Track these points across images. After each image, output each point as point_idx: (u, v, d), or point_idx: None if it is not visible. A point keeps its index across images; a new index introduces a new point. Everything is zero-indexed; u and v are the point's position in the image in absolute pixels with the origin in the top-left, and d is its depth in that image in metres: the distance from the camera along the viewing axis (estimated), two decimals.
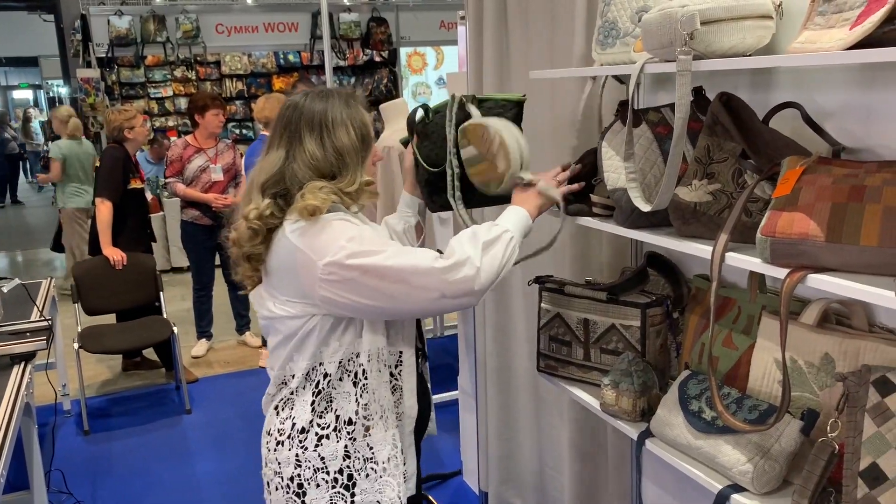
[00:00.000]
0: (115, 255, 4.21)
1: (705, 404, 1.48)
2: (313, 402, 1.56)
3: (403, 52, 9.11)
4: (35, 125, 15.21)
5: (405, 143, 1.83)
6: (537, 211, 1.62)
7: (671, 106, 1.62)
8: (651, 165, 1.53)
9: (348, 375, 1.55)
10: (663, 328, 1.75)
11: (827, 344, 1.36)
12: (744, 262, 1.29)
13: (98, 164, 4.63)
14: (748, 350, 1.53)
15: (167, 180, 4.85)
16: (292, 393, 1.58)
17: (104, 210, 4.24)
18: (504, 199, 1.67)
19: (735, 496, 1.36)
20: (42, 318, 3.06)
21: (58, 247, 6.41)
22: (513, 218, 1.57)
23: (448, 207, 1.74)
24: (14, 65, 18.55)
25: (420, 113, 1.76)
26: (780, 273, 1.21)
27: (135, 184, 4.43)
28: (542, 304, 1.89)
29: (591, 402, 1.76)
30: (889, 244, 1.10)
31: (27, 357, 2.71)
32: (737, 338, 1.57)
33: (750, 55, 1.33)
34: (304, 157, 1.51)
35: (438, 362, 4.50)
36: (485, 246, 1.47)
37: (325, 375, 1.55)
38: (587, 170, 1.72)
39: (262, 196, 1.52)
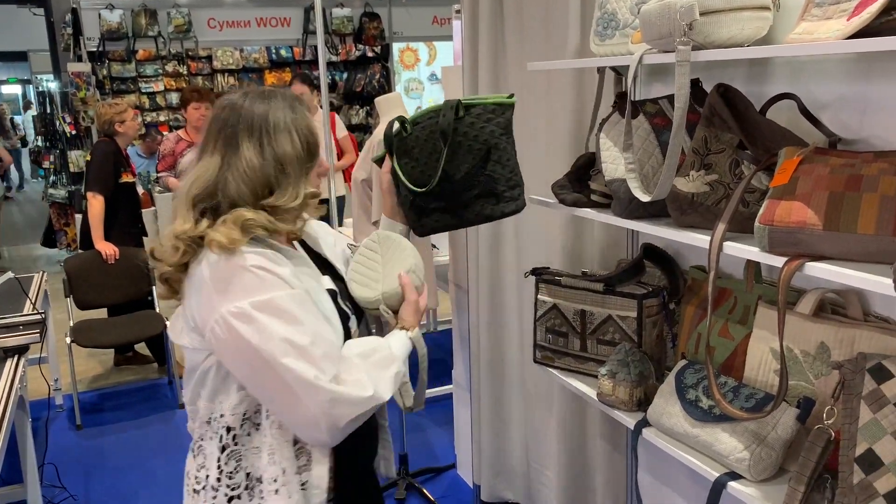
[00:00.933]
0: (107, 249, 4.19)
1: (702, 393, 1.49)
2: (219, 459, 1.35)
3: (396, 47, 9.10)
4: (21, 119, 15.10)
5: (379, 160, 1.60)
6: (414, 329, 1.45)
7: (668, 97, 1.63)
8: (649, 156, 1.54)
9: (256, 429, 1.34)
10: (659, 319, 1.76)
11: (823, 333, 1.37)
12: (742, 251, 1.30)
13: (89, 158, 4.61)
14: (744, 340, 1.55)
15: (159, 174, 4.83)
16: (201, 438, 1.38)
17: (96, 204, 4.22)
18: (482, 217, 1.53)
19: (732, 483, 1.38)
20: (35, 312, 3.05)
21: (49, 242, 6.38)
22: (401, 347, 1.40)
23: (441, 229, 1.57)
24: (2, 59, 18.41)
25: (396, 126, 1.54)
26: (779, 261, 1.22)
27: (126, 178, 4.41)
28: (539, 296, 1.89)
29: (587, 393, 1.77)
30: (886, 232, 1.11)
31: (20, 350, 2.70)
32: (733, 328, 1.58)
33: (747, 46, 1.34)
34: (241, 166, 1.31)
35: (431, 357, 4.50)
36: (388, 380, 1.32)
37: (229, 430, 1.34)
38: (584, 161, 1.73)
39: (192, 210, 1.32)
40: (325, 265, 1.51)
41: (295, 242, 1.49)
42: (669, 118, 1.60)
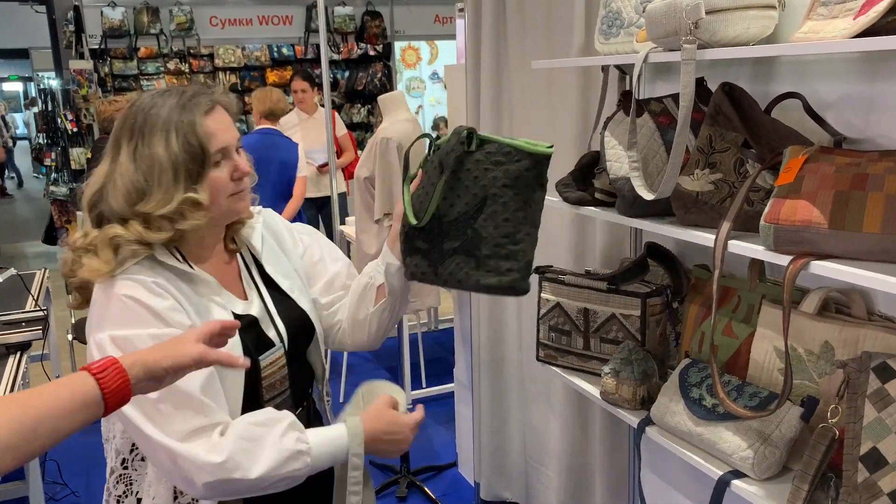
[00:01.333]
0: None
1: (706, 392, 1.49)
2: (108, 481, 1.32)
3: (398, 46, 9.10)
4: (22, 117, 15.10)
5: (411, 179, 1.40)
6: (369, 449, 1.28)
7: (673, 96, 1.63)
8: (653, 155, 1.54)
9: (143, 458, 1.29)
10: (663, 318, 1.76)
11: (827, 332, 1.37)
12: (746, 249, 1.30)
13: (90, 155, 4.61)
14: (748, 339, 1.55)
15: None
16: (107, 455, 1.34)
17: None
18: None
19: (735, 482, 1.38)
20: (38, 308, 3.05)
21: (50, 239, 6.38)
22: (324, 439, 1.25)
23: (419, 276, 1.34)
24: (4, 57, 18.41)
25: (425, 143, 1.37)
26: (784, 260, 1.22)
27: None
28: (542, 294, 1.89)
29: (590, 391, 1.77)
30: (891, 231, 1.11)
31: (23, 347, 2.71)
32: (736, 327, 1.58)
33: (753, 45, 1.34)
34: (120, 170, 1.22)
35: (432, 356, 4.50)
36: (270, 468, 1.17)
37: (118, 453, 1.30)
38: (589, 160, 1.73)
39: (88, 218, 1.27)
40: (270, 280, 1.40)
41: (246, 250, 1.40)
42: (674, 117, 1.60)
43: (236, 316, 1.29)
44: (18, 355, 2.62)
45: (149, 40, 8.09)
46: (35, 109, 15.25)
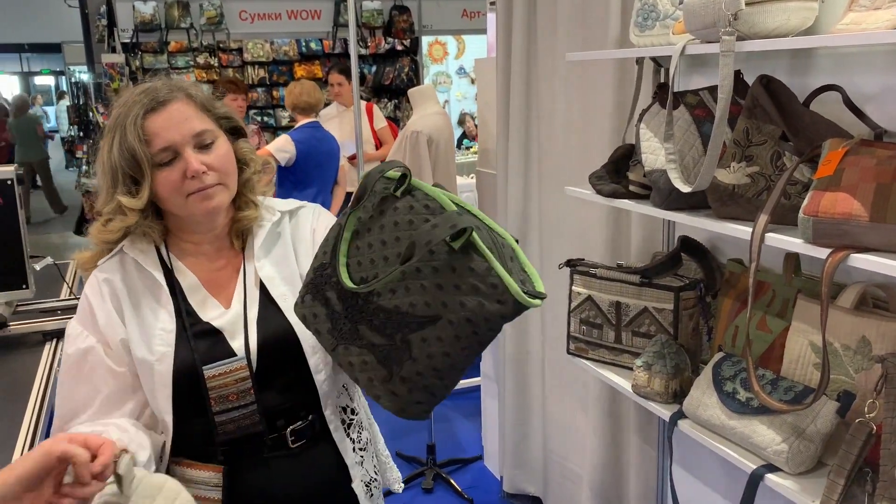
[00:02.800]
0: None
1: (740, 385, 1.48)
2: None
3: (425, 40, 9.10)
4: (40, 109, 15.35)
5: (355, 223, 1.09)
6: None
7: (709, 89, 1.63)
8: (689, 147, 1.54)
9: None
10: (696, 312, 1.76)
11: (864, 327, 1.36)
12: (784, 242, 1.29)
13: None
14: (782, 333, 1.54)
15: None
16: None
17: None
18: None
19: (769, 476, 1.37)
20: (73, 297, 3.10)
21: (81, 230, 6.48)
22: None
23: (321, 340, 1.11)
24: (36, 51, 18.70)
25: (393, 174, 1.07)
26: (822, 253, 1.21)
27: None
28: (574, 287, 1.89)
29: (621, 385, 1.77)
30: None
31: (58, 335, 2.75)
32: (771, 321, 1.58)
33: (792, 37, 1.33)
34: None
35: None
36: None
37: None
38: (623, 152, 1.73)
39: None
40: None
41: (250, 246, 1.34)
42: (710, 109, 1.59)
43: (195, 323, 1.26)
44: (54, 342, 2.66)
45: (179, 34, 8.17)
46: (66, 103, 15.52)
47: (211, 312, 1.28)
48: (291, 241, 1.36)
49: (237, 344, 1.26)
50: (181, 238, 1.30)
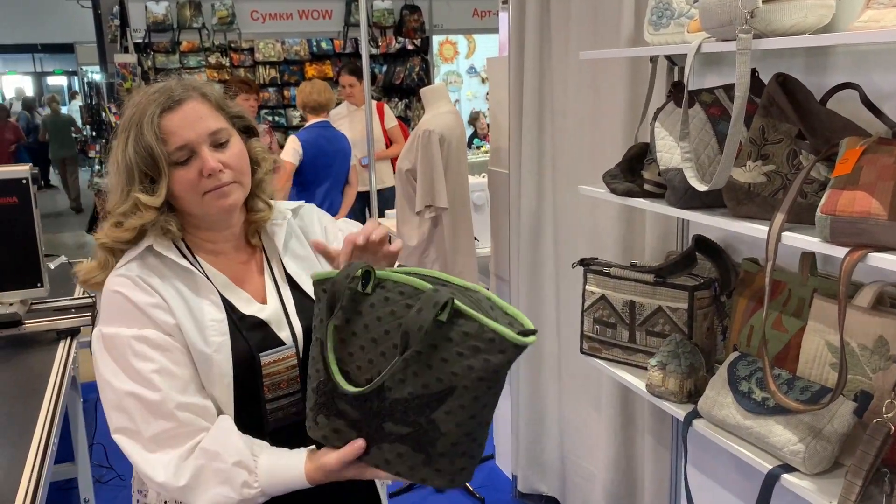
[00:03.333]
0: None
1: (756, 385, 1.48)
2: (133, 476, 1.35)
3: (436, 40, 9.11)
4: (66, 109, 15.45)
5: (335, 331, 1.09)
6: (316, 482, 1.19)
7: (724, 87, 1.62)
8: (705, 146, 1.53)
9: None
10: (710, 311, 1.75)
11: (881, 326, 1.35)
12: (801, 241, 1.29)
13: None
14: (798, 333, 1.53)
15: None
16: None
17: None
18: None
19: (785, 476, 1.37)
20: (86, 295, 3.12)
21: (94, 229, 6.52)
22: (282, 479, 1.17)
23: (331, 442, 1.12)
24: (49, 51, 18.82)
25: (357, 273, 1.07)
26: (840, 252, 1.20)
27: None
28: (587, 286, 1.89)
29: (635, 384, 1.76)
30: None
31: (73, 333, 2.77)
32: (787, 321, 1.57)
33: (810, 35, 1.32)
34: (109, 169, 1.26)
35: None
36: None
37: None
38: (637, 151, 1.72)
39: None
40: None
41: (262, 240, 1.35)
42: (725, 108, 1.59)
43: (242, 316, 1.27)
44: (69, 340, 2.68)
45: (191, 34, 8.21)
46: (78, 103, 15.62)
47: (248, 307, 1.29)
48: (305, 235, 1.39)
49: (284, 334, 1.28)
50: (198, 237, 1.30)
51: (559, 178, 2.55)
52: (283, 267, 1.34)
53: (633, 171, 1.73)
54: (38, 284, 2.67)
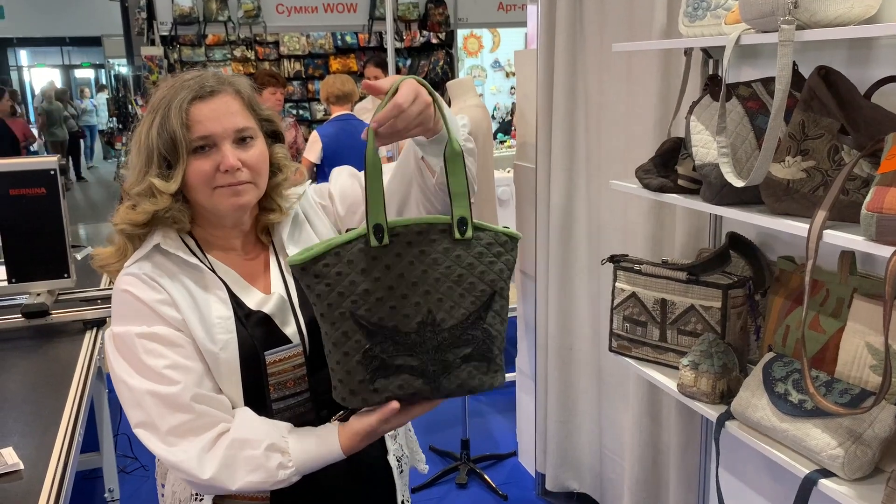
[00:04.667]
0: None
1: (792, 387, 1.44)
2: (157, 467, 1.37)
3: (460, 33, 9.06)
4: (90, 102, 15.61)
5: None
6: (352, 450, 1.20)
7: (762, 80, 1.58)
8: (742, 141, 1.49)
9: None
10: (744, 310, 1.71)
11: None
12: (843, 239, 1.24)
13: None
14: (836, 334, 1.49)
15: None
16: None
17: None
18: None
19: (823, 481, 1.33)
20: (112, 286, 3.13)
21: None
22: (316, 454, 1.18)
23: (402, 397, 1.12)
24: (77, 44, 19.03)
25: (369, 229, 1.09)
26: (886, 251, 1.16)
27: None
28: (617, 284, 1.86)
29: (666, 384, 1.73)
30: None
31: (99, 323, 2.78)
32: (824, 321, 1.52)
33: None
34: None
35: None
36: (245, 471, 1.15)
37: None
38: (671, 146, 1.68)
39: None
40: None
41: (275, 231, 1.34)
42: (763, 102, 1.54)
43: (249, 312, 1.25)
44: (94, 331, 2.69)
45: (217, 27, 8.24)
46: (105, 95, 15.78)
47: (254, 300, 1.28)
48: (308, 223, 1.37)
49: (290, 330, 1.27)
50: (208, 232, 1.29)
51: (591, 172, 2.51)
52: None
53: (666, 165, 1.69)
54: (65, 275, 2.69)
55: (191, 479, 1.16)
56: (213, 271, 1.26)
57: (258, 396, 1.24)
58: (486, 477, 3.19)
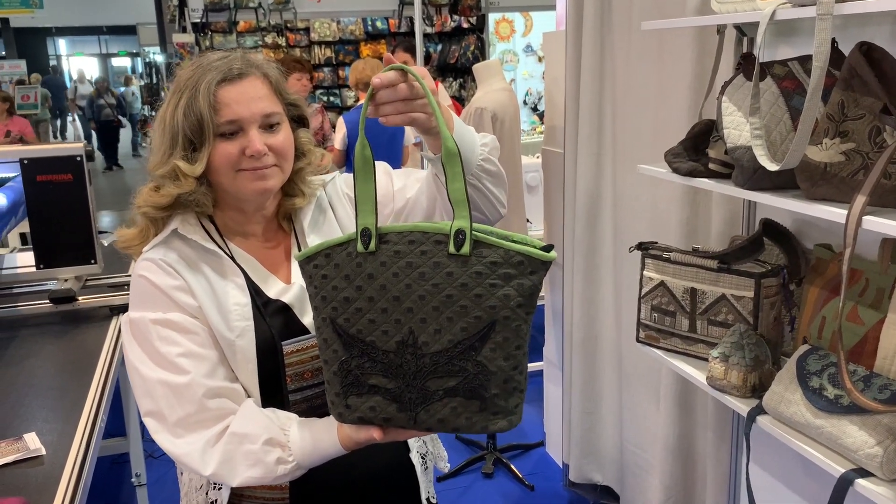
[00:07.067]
0: None
1: (828, 381, 1.37)
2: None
3: (492, 18, 8.95)
4: (131, 90, 15.80)
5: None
6: (350, 449, 1.15)
7: (799, 59, 1.50)
8: (777, 122, 1.42)
9: None
10: (778, 300, 1.64)
11: None
12: (885, 226, 1.17)
13: None
14: (876, 326, 1.41)
15: None
16: None
17: None
18: None
19: (860, 481, 1.26)
20: None
21: None
22: (316, 448, 1.14)
23: (370, 420, 1.06)
24: (114, 33, 19.30)
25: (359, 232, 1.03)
26: None
27: None
28: (645, 272, 1.79)
29: (695, 376, 1.67)
30: None
31: (125, 309, 2.79)
32: (863, 312, 1.45)
33: None
34: (154, 129, 1.22)
35: None
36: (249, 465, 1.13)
37: None
38: (702, 128, 1.61)
39: None
40: None
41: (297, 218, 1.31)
42: (800, 81, 1.47)
43: (267, 301, 1.23)
44: (121, 317, 2.70)
45: (248, 14, 8.26)
46: (140, 83, 15.97)
47: (274, 289, 1.25)
48: (334, 212, 1.34)
49: (308, 320, 1.24)
50: (229, 216, 1.26)
51: (619, 157, 2.44)
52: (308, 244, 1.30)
53: (697, 149, 1.62)
54: (93, 261, 2.70)
55: (195, 473, 1.15)
56: (232, 258, 1.23)
57: (274, 386, 1.22)
58: (512, 467, 3.15)
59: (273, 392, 1.21)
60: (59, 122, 15.81)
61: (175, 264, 1.18)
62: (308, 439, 1.14)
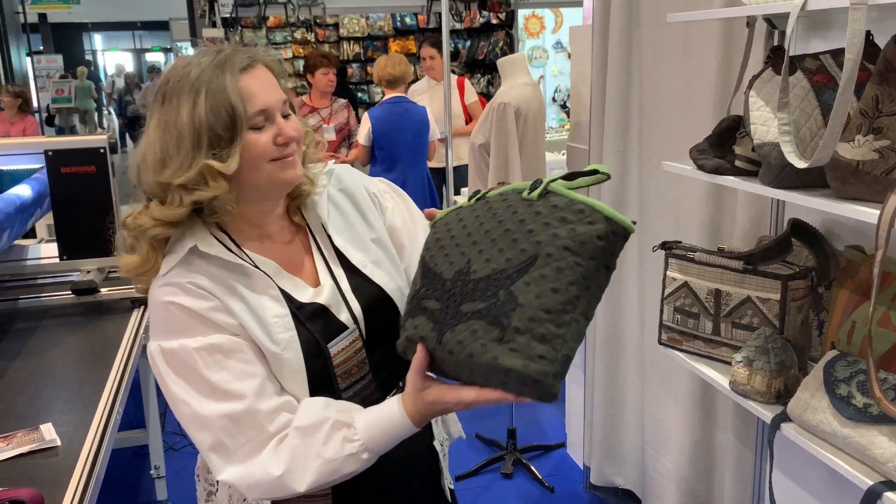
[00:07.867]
0: None
1: (856, 389, 1.31)
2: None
3: (521, 14, 8.89)
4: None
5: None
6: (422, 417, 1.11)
7: (832, 52, 1.44)
8: (807, 118, 1.36)
9: None
10: (805, 303, 1.58)
11: None
12: None
13: None
14: None
15: None
16: None
17: None
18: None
19: (888, 494, 1.20)
20: None
21: None
22: (378, 427, 1.11)
23: (429, 347, 1.05)
24: (148, 28, 19.54)
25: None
26: None
27: None
28: (668, 272, 1.74)
29: (718, 380, 1.62)
30: None
31: (146, 302, 2.80)
32: (895, 318, 1.39)
33: None
34: (149, 140, 1.12)
35: None
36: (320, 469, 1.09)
37: None
38: (729, 124, 1.56)
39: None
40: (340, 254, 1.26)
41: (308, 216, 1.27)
42: (832, 75, 1.41)
43: (301, 305, 1.19)
44: (142, 309, 2.71)
45: (277, 9, 8.30)
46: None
47: (304, 294, 1.21)
48: (348, 201, 1.30)
49: (345, 317, 1.22)
50: (243, 222, 1.21)
51: (644, 153, 2.38)
52: (331, 241, 1.26)
53: (723, 145, 1.57)
54: (115, 253, 2.71)
55: (263, 486, 1.09)
56: (256, 266, 1.18)
57: (327, 388, 1.18)
58: (532, 468, 3.11)
59: (329, 395, 1.18)
60: (96, 116, 16.09)
61: (205, 286, 1.11)
62: (374, 420, 1.10)
